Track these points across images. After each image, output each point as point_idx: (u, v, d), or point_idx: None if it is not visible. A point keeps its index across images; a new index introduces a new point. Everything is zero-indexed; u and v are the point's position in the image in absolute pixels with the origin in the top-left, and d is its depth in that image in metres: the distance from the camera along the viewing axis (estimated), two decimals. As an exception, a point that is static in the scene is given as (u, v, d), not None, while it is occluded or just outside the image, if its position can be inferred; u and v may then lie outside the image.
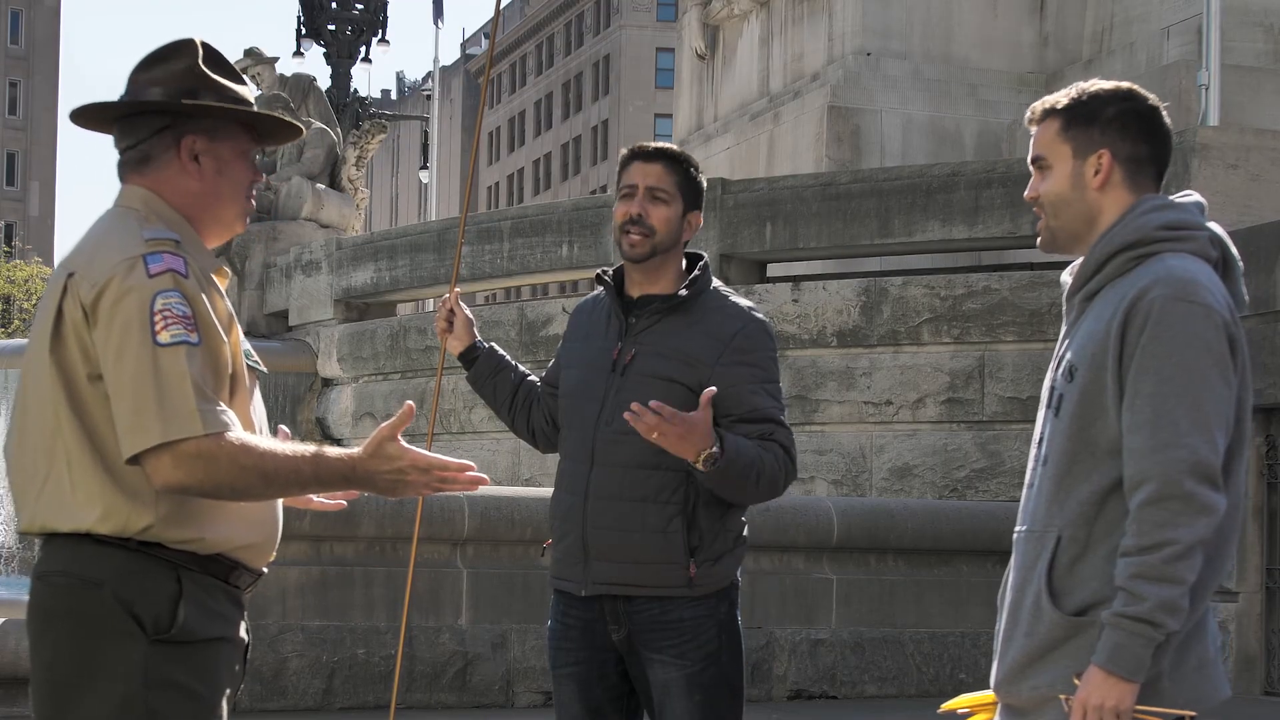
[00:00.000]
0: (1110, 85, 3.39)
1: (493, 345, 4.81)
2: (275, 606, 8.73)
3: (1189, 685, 3.19)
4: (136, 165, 3.34)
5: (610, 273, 4.52)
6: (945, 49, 16.91)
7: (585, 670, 4.42)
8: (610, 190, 4.64)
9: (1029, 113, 3.44)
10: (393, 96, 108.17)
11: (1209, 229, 3.32)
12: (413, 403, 3.22)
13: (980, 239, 12.74)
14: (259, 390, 3.39)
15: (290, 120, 3.50)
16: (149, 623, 3.15)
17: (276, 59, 19.66)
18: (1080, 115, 3.36)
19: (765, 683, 9.56)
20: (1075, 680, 3.17)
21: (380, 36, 32.08)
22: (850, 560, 10.07)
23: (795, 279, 13.36)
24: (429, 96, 43.67)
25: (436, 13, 35.72)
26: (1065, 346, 3.35)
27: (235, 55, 19.33)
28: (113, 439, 3.14)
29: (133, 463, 3.13)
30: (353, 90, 31.64)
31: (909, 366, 12.38)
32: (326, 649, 8.80)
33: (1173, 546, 3.11)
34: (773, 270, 13.88)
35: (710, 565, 4.32)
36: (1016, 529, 3.37)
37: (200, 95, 3.32)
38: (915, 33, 16.84)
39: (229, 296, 3.37)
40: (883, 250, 13.33)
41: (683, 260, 4.49)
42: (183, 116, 3.32)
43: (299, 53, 32.38)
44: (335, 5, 31.38)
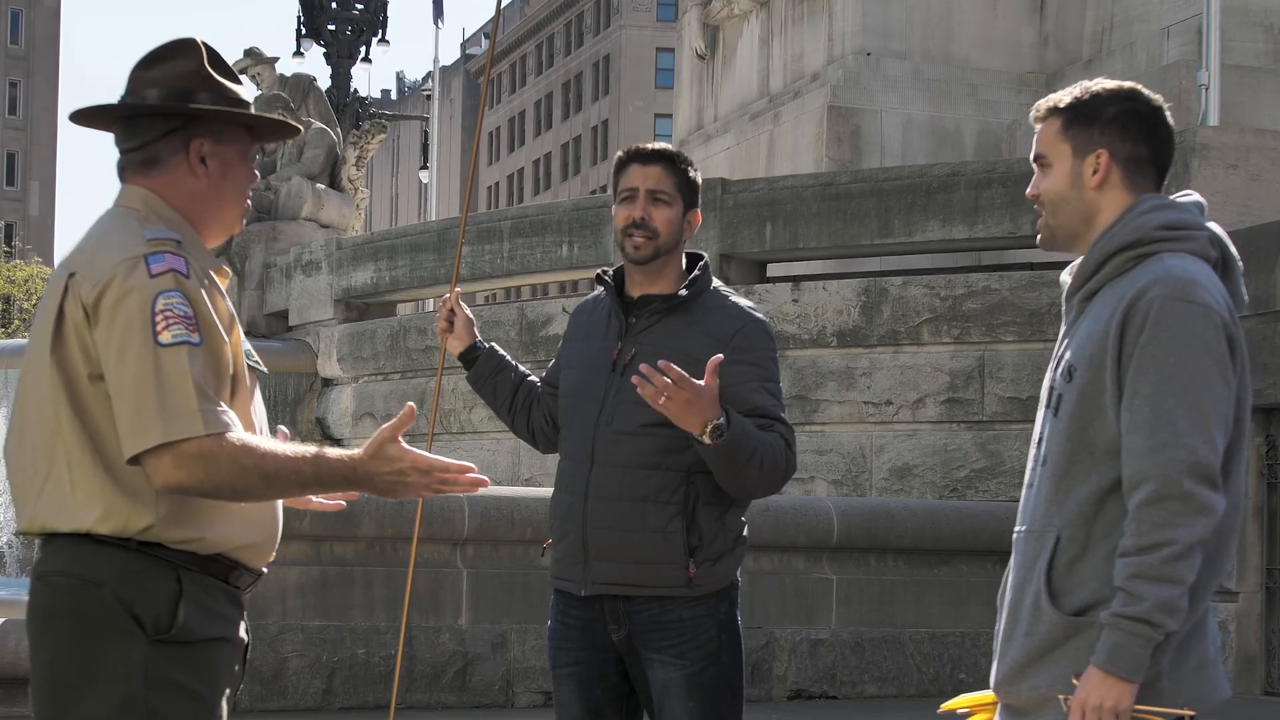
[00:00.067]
0: (1113, 85, 3.39)
1: (493, 345, 4.81)
2: (275, 606, 8.73)
3: (1189, 685, 3.20)
4: (142, 166, 3.34)
5: (610, 273, 4.52)
6: (945, 49, 16.90)
7: (585, 670, 4.42)
8: (610, 190, 4.62)
9: (1033, 110, 3.45)
10: (393, 96, 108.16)
11: (1208, 229, 3.32)
12: (414, 404, 3.22)
13: (980, 239, 12.74)
14: (259, 390, 3.40)
15: (287, 120, 3.51)
16: (149, 623, 3.15)
17: (276, 59, 19.65)
18: (1081, 114, 3.36)
19: (765, 683, 9.56)
20: (1074, 680, 3.17)
21: (380, 36, 32.08)
22: (850, 560, 10.07)
23: (795, 279, 13.35)
24: (429, 96, 43.68)
25: (436, 13, 35.72)
26: (1064, 346, 3.35)
27: (235, 55, 19.32)
28: (113, 439, 3.15)
29: (133, 463, 3.13)
30: (353, 90, 31.63)
31: (909, 366, 12.38)
32: (326, 649, 8.80)
33: (1171, 546, 3.11)
34: (773, 270, 13.88)
35: (710, 565, 4.32)
36: (1016, 529, 3.37)
37: (206, 98, 3.33)
38: (915, 33, 16.84)
39: (229, 296, 3.37)
40: (883, 250, 13.32)
41: (683, 260, 4.49)
42: (191, 119, 3.32)
43: (299, 53, 32.38)
44: (335, 5, 31.37)
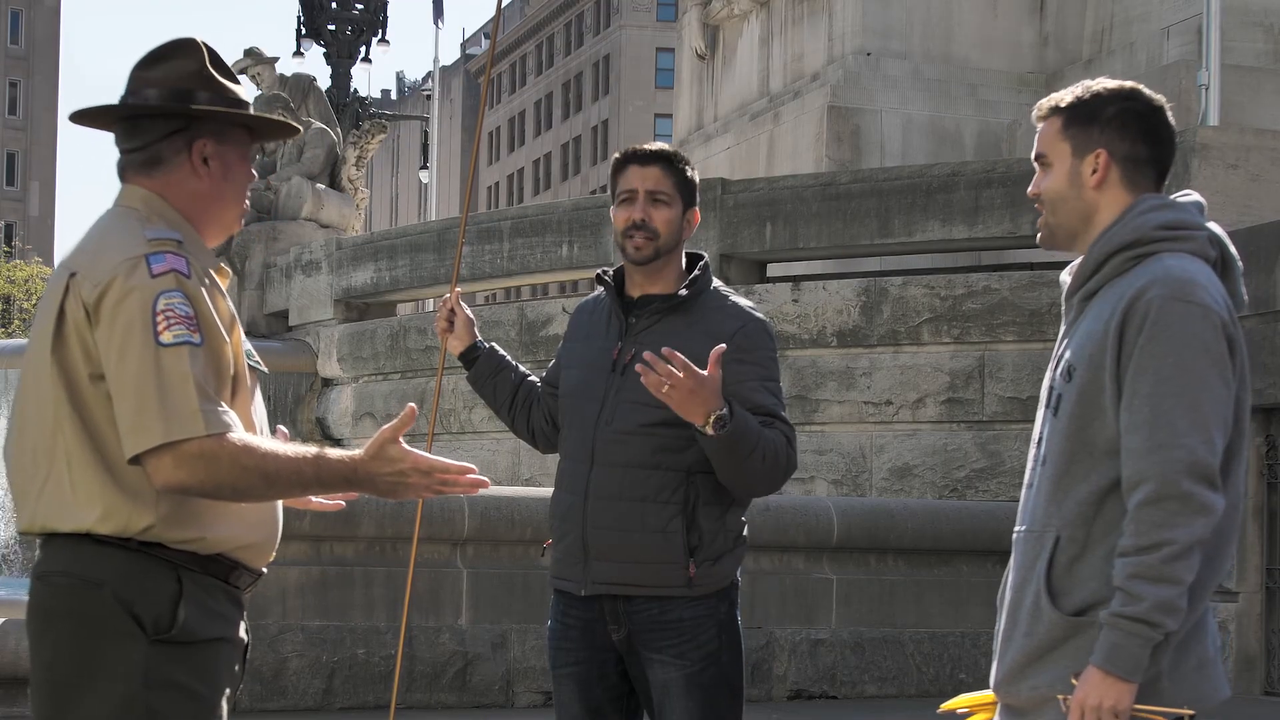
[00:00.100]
0: (1114, 85, 3.39)
1: (493, 345, 4.81)
2: (275, 606, 8.73)
3: (1189, 685, 3.20)
4: (144, 166, 3.34)
5: (610, 273, 4.52)
6: (945, 49, 16.90)
7: (585, 670, 4.42)
8: (609, 191, 4.62)
9: (1035, 109, 3.45)
10: (393, 96, 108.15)
11: (1208, 229, 3.32)
12: (415, 405, 3.22)
13: (980, 239, 12.74)
14: (259, 390, 3.40)
15: (286, 120, 3.51)
16: (149, 623, 3.15)
17: (276, 59, 19.65)
18: (1081, 114, 3.36)
19: (765, 683, 9.56)
20: (1073, 680, 3.17)
21: (380, 36, 32.08)
22: (850, 560, 10.07)
23: (795, 279, 13.35)
24: (429, 96, 43.68)
25: (436, 13, 35.72)
26: (1064, 346, 3.35)
27: (235, 55, 19.33)
28: (114, 439, 3.14)
29: (134, 463, 3.13)
30: (353, 90, 31.62)
31: (909, 366, 12.38)
32: (326, 649, 8.80)
33: (1170, 547, 3.11)
34: (773, 270, 13.88)
35: (710, 565, 4.32)
36: (1016, 529, 3.37)
37: (208, 98, 3.33)
38: (915, 33, 16.84)
39: (229, 296, 3.37)
40: (883, 250, 13.32)
41: (683, 259, 4.49)
42: (193, 119, 3.32)
43: (299, 53, 32.38)
44: (335, 5, 31.37)
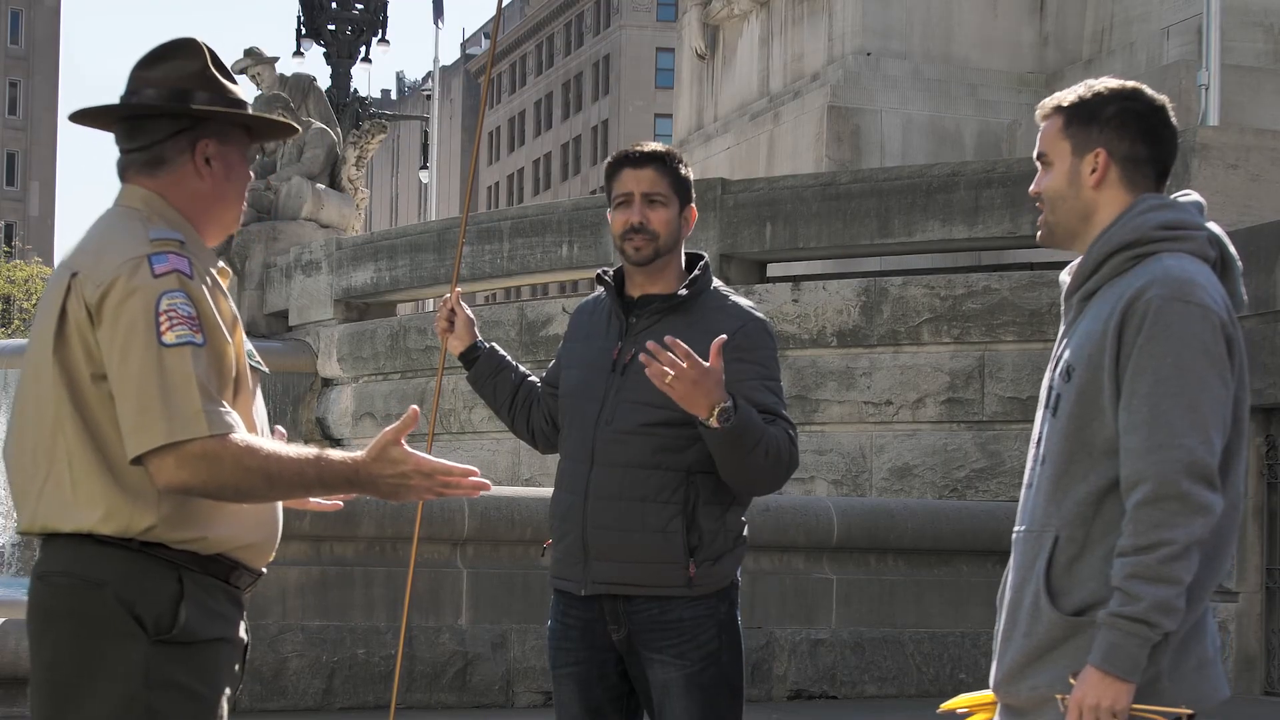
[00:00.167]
0: (1115, 84, 3.39)
1: (493, 345, 4.81)
2: (275, 606, 8.73)
3: (1188, 685, 3.20)
4: (146, 166, 3.33)
5: (610, 273, 4.53)
6: (945, 49, 16.90)
7: (585, 670, 4.42)
8: (605, 194, 4.62)
9: (1039, 109, 3.45)
10: (393, 96, 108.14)
11: (1207, 229, 3.33)
12: (417, 407, 3.22)
13: (980, 239, 12.74)
14: (260, 390, 3.40)
15: (285, 120, 3.51)
16: (150, 623, 3.15)
17: (276, 59, 19.65)
18: (1081, 113, 3.37)
19: (765, 683, 9.56)
20: (1071, 680, 3.17)
21: (380, 36, 32.08)
22: (850, 560, 10.07)
23: (795, 279, 13.35)
24: (429, 96, 43.69)
25: (436, 13, 35.74)
26: (1063, 346, 3.35)
27: (235, 55, 19.33)
28: (115, 439, 3.14)
29: (136, 463, 3.13)
30: (353, 90, 31.62)
31: (909, 366, 12.38)
32: (326, 649, 8.80)
33: (1169, 547, 3.11)
34: (773, 270, 13.88)
35: (710, 565, 4.32)
36: (1015, 529, 3.37)
37: (210, 98, 3.33)
38: (915, 33, 16.84)
39: (230, 296, 3.37)
40: (883, 250, 13.32)
41: (682, 259, 4.50)
42: (197, 120, 3.32)
43: (299, 53, 32.38)
44: (335, 5, 31.37)
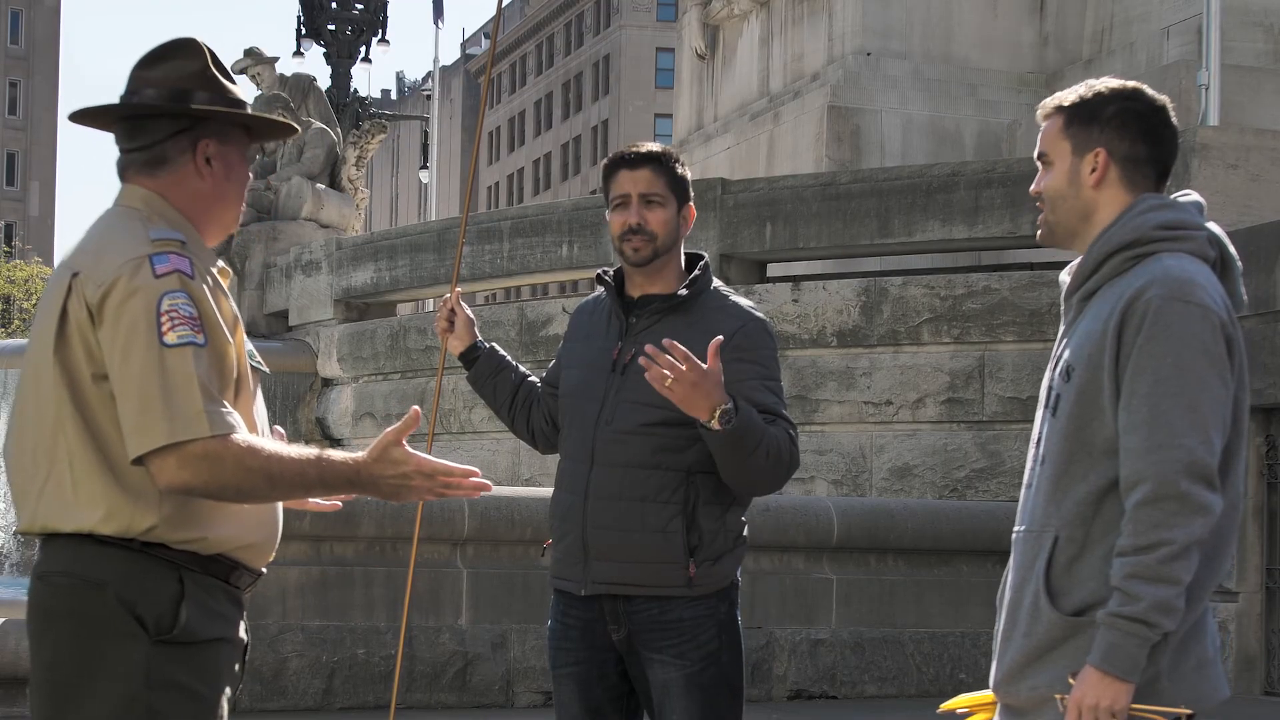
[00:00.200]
0: (1116, 84, 3.39)
1: (493, 345, 4.81)
2: (275, 606, 8.73)
3: (1188, 685, 3.20)
4: (146, 166, 3.33)
5: (610, 273, 4.53)
6: (945, 49, 16.90)
7: (585, 670, 4.42)
8: (603, 195, 4.62)
9: (1040, 108, 3.46)
10: (393, 96, 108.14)
11: (1207, 229, 3.33)
12: (419, 408, 3.22)
13: (980, 239, 12.74)
14: (260, 390, 3.40)
15: (285, 120, 3.51)
16: (151, 623, 3.15)
17: (276, 59, 19.65)
18: (1081, 113, 3.37)
19: (765, 683, 9.56)
20: (1070, 680, 3.17)
21: (380, 36, 32.08)
22: (850, 560, 10.07)
23: (795, 279, 13.35)
24: (429, 96, 43.70)
25: (436, 13, 35.74)
26: (1063, 346, 3.35)
27: (235, 55, 19.34)
28: (116, 439, 3.14)
29: (138, 463, 3.13)
30: (353, 90, 31.62)
31: (909, 366, 12.38)
32: (326, 649, 8.80)
33: (1168, 547, 3.11)
34: (773, 270, 13.88)
35: (710, 565, 4.32)
36: (1015, 529, 3.37)
37: (211, 98, 3.33)
38: (915, 33, 16.84)
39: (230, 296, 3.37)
40: (883, 250, 13.32)
41: (682, 258, 4.50)
42: (198, 119, 3.32)
43: (299, 53, 32.38)
44: (335, 5, 31.37)
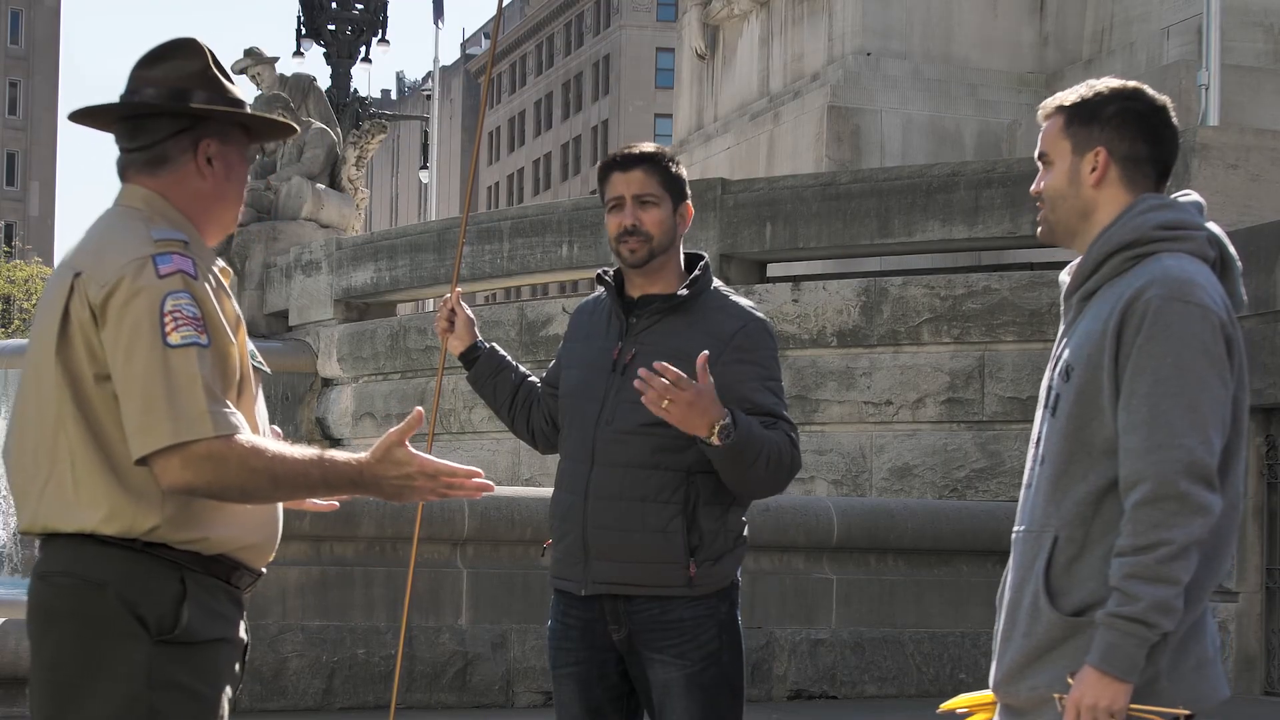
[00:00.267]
0: (1117, 84, 3.39)
1: (493, 345, 4.81)
2: (275, 606, 8.73)
3: (1187, 685, 3.20)
4: (147, 165, 3.33)
5: (610, 273, 4.52)
6: (945, 49, 16.90)
7: (585, 670, 4.42)
8: (600, 197, 4.62)
9: (1040, 109, 3.46)
10: (393, 96, 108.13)
11: (1207, 229, 3.33)
12: (422, 409, 3.22)
13: (980, 239, 12.74)
14: (261, 391, 3.40)
15: (285, 120, 3.51)
16: (153, 624, 3.15)
17: (276, 59, 19.66)
18: (1082, 113, 3.37)
19: (765, 683, 9.57)
20: (1069, 679, 3.18)
21: (380, 36, 32.08)
22: (850, 560, 10.07)
23: (795, 279, 13.36)
24: (429, 96, 43.70)
25: (436, 13, 35.75)
26: (1062, 346, 3.35)
27: (235, 55, 19.34)
28: (119, 439, 3.14)
29: (141, 463, 3.13)
30: (353, 90, 31.63)
31: (909, 366, 12.39)
32: (326, 649, 8.81)
33: (1167, 547, 3.11)
34: (773, 270, 13.88)
35: (710, 565, 4.32)
36: (1015, 529, 3.38)
37: (211, 98, 3.33)
38: (915, 33, 16.84)
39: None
40: (883, 250, 13.33)
41: (681, 258, 4.50)
42: (199, 119, 3.32)
43: (299, 53, 32.39)
44: (335, 5, 31.37)
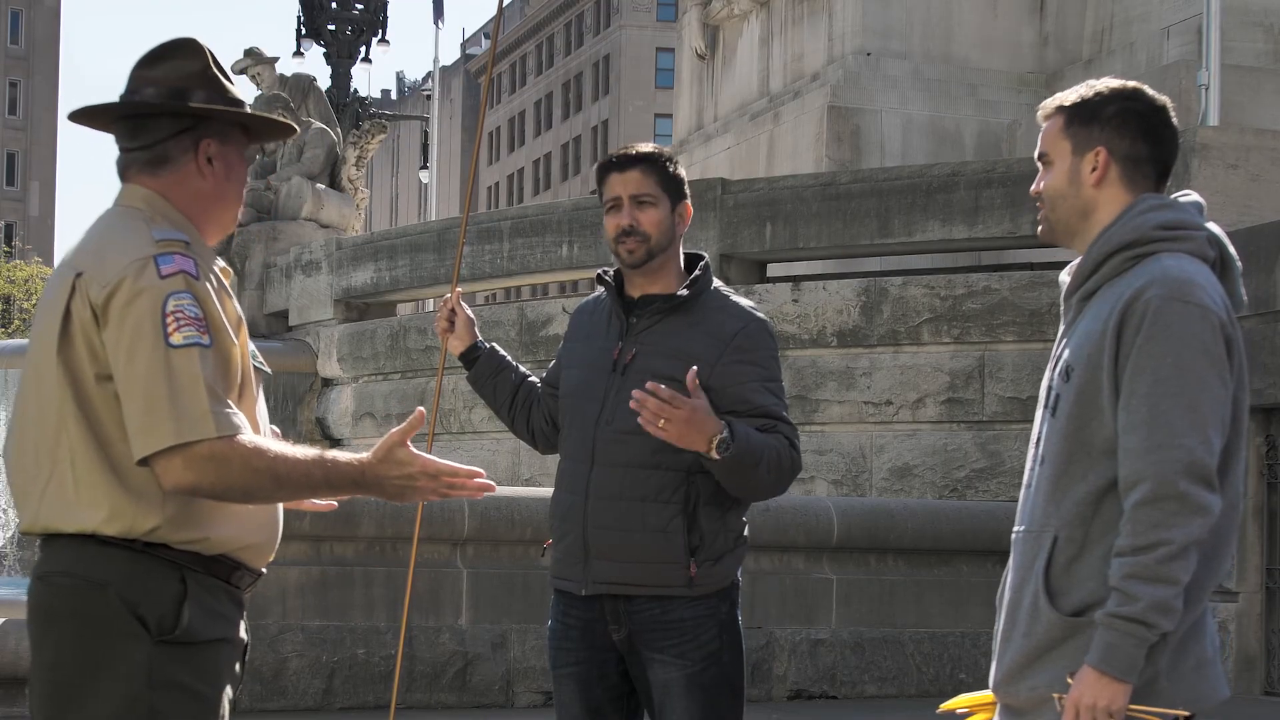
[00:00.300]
0: (1117, 84, 3.40)
1: (494, 345, 4.81)
2: (275, 606, 8.73)
3: (1187, 685, 3.20)
4: (148, 165, 3.33)
5: (611, 273, 4.52)
6: (945, 49, 16.90)
7: (585, 670, 4.42)
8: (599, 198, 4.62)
9: (1040, 109, 3.46)
10: (393, 96, 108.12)
11: (1207, 229, 3.33)
12: (424, 409, 3.22)
13: (980, 239, 12.74)
14: (262, 391, 3.40)
15: (284, 120, 3.51)
16: (153, 624, 3.15)
17: (276, 59, 19.66)
18: (1082, 113, 3.37)
19: (765, 683, 9.57)
20: (1069, 679, 3.18)
21: (380, 36, 32.09)
22: (850, 560, 10.07)
23: (795, 279, 13.36)
24: (429, 96, 43.70)
25: (436, 13, 35.75)
26: (1062, 347, 3.35)
27: (235, 55, 19.35)
28: (120, 440, 3.14)
29: (143, 464, 3.13)
30: (353, 90, 31.63)
31: (909, 366, 12.39)
32: (326, 649, 8.81)
33: (1167, 547, 3.11)
34: (773, 270, 13.88)
35: (711, 565, 4.32)
36: (1014, 529, 3.38)
37: (211, 98, 3.33)
38: (915, 33, 16.84)
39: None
40: (883, 250, 13.33)
41: (681, 258, 4.49)
42: (200, 119, 3.32)
43: (299, 53, 32.39)
44: (335, 5, 31.37)
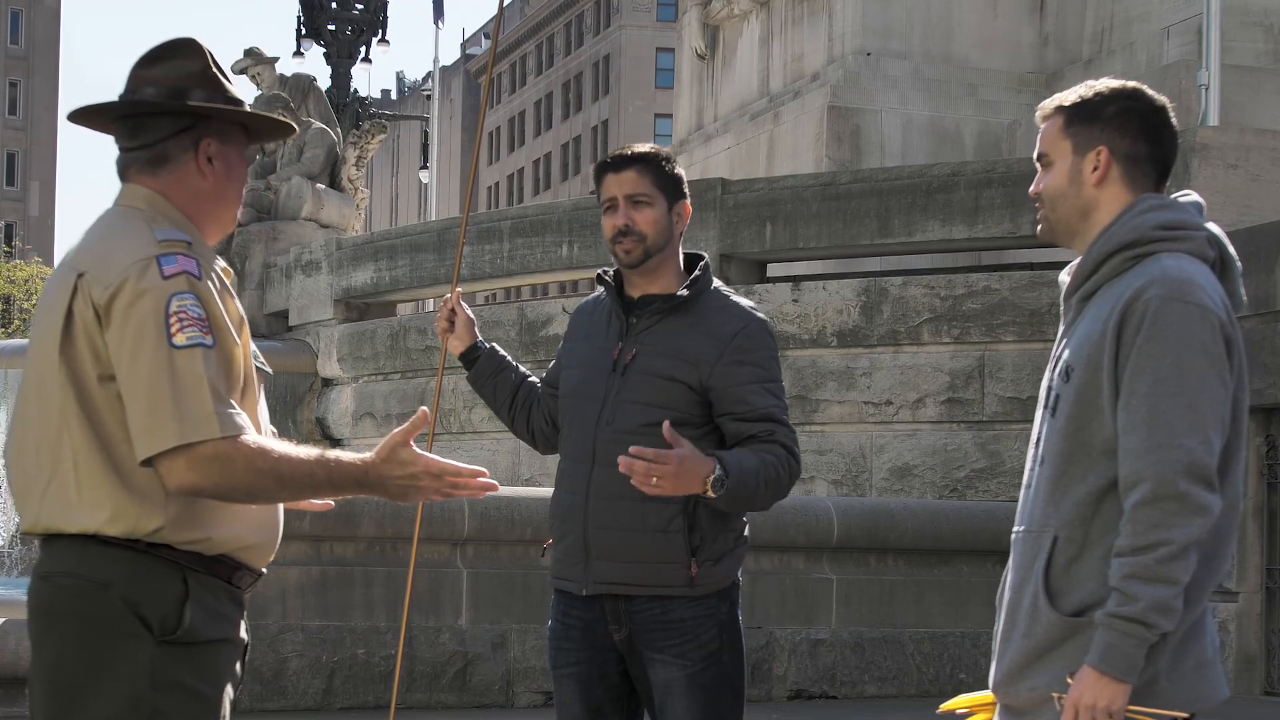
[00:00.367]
0: (1116, 84, 3.40)
1: (494, 345, 4.81)
2: (275, 606, 8.73)
3: (1187, 685, 3.20)
4: (148, 165, 3.33)
5: (610, 273, 4.52)
6: (945, 49, 16.91)
7: (586, 670, 4.42)
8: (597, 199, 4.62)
9: (1039, 110, 3.46)
10: (393, 96, 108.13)
11: (1206, 229, 3.33)
12: (426, 409, 3.22)
13: (980, 239, 12.74)
14: (263, 391, 3.40)
15: (284, 119, 3.51)
16: (155, 624, 3.15)
17: (276, 59, 19.66)
18: (1082, 112, 3.38)
19: (765, 683, 9.57)
20: (1068, 679, 3.18)
21: (380, 36, 32.09)
22: (850, 560, 10.07)
23: (795, 279, 13.36)
24: (429, 96, 43.70)
25: (436, 13, 35.75)
26: (1062, 347, 3.35)
27: (235, 55, 19.36)
28: (122, 440, 3.14)
29: (146, 465, 3.13)
30: (353, 90, 31.64)
31: (909, 366, 12.39)
32: (326, 649, 8.81)
33: (1167, 547, 3.11)
34: (773, 270, 13.88)
35: (711, 565, 4.32)
36: (1014, 529, 3.38)
37: (211, 97, 3.33)
38: (915, 33, 16.84)
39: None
40: (883, 250, 13.33)
41: (680, 258, 4.49)
42: (200, 118, 3.32)
43: (299, 53, 32.40)
44: (335, 5, 31.38)
